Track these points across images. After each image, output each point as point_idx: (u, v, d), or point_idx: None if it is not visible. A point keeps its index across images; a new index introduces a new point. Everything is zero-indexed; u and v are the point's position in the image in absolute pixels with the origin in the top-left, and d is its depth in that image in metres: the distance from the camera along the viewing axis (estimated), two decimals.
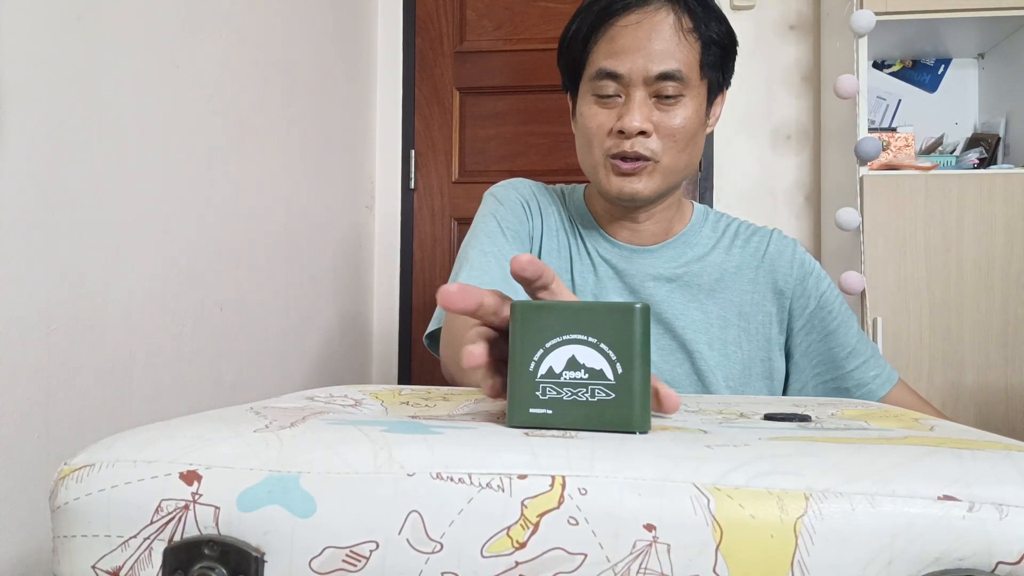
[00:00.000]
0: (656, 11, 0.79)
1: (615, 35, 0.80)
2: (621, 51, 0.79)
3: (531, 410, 0.39)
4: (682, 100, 0.80)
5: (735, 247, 0.91)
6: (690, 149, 0.83)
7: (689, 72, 0.80)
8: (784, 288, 0.89)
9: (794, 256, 0.90)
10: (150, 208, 1.05)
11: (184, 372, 1.13)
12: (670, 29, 0.79)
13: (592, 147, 0.83)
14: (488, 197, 0.94)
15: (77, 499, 0.33)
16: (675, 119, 0.80)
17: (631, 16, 0.80)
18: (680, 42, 0.79)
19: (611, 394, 0.39)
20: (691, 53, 0.80)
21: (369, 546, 0.31)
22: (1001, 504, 0.30)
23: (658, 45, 0.78)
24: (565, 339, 0.39)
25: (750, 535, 0.30)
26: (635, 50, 0.79)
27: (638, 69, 0.79)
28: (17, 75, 0.80)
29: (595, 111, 0.82)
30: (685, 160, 0.83)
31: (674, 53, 0.79)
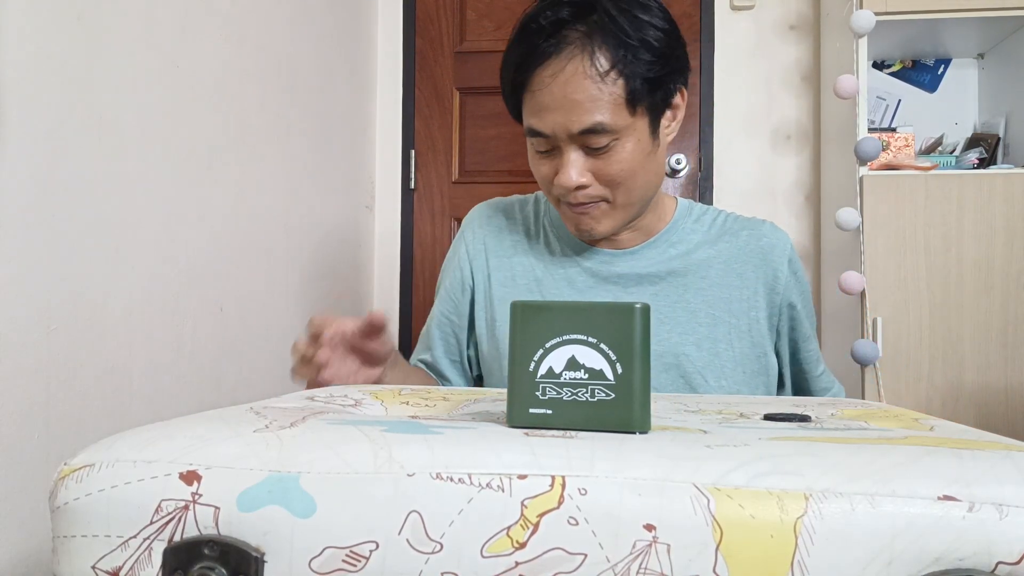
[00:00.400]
0: (569, 59, 0.73)
1: (535, 90, 0.75)
2: (542, 109, 0.75)
3: (531, 410, 0.39)
4: (615, 145, 0.75)
5: (723, 241, 0.88)
6: (642, 177, 0.79)
7: (615, 117, 0.74)
8: (776, 286, 0.87)
9: (789, 254, 0.89)
10: (150, 208, 1.05)
11: (184, 372, 1.13)
12: (584, 79, 0.72)
13: (545, 189, 0.83)
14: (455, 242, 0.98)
15: (77, 499, 0.33)
16: (612, 166, 0.76)
17: (547, 69, 0.74)
18: (598, 87, 0.73)
19: (611, 394, 0.39)
20: (613, 95, 0.73)
21: (369, 546, 0.31)
22: (1001, 504, 0.30)
23: (577, 96, 0.73)
24: (565, 339, 0.39)
25: (750, 535, 0.30)
26: (554, 108, 0.74)
27: (560, 128, 0.74)
28: (17, 75, 0.80)
29: (537, 161, 0.81)
30: (640, 191, 0.80)
31: (594, 104, 0.73)
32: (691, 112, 2.19)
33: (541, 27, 0.74)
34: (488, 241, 0.93)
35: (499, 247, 0.92)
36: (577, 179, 0.76)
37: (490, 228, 0.94)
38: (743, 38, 2.17)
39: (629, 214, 0.82)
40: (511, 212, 0.95)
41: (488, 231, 0.94)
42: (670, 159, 2.17)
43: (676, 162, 2.16)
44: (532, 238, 0.92)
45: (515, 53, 0.77)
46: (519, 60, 0.76)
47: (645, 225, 0.88)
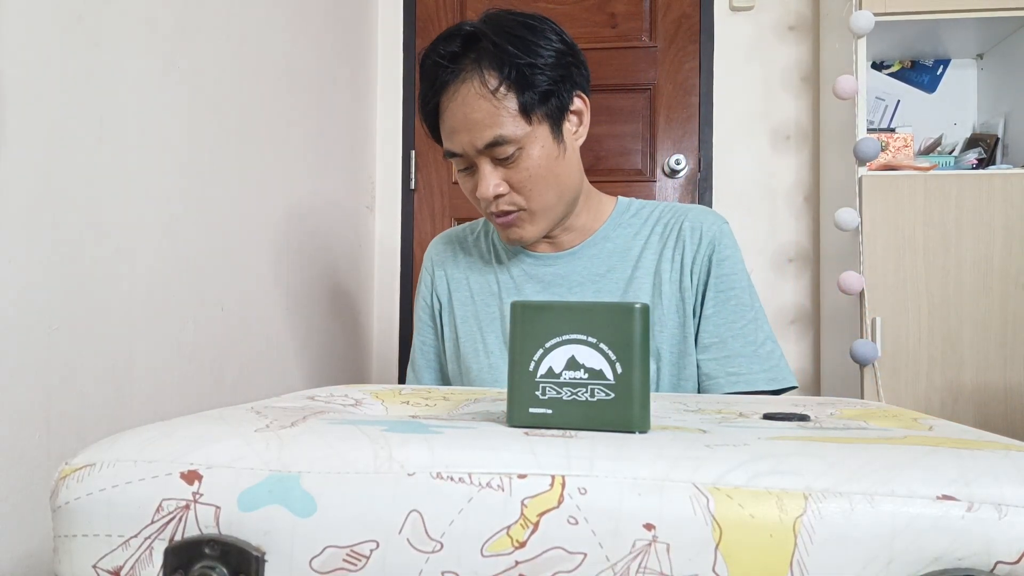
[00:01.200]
0: (463, 81, 0.81)
1: (444, 113, 0.84)
2: (451, 131, 0.84)
3: (531, 410, 0.39)
4: (521, 154, 0.82)
5: (655, 232, 0.93)
6: (555, 181, 0.86)
7: (513, 128, 0.81)
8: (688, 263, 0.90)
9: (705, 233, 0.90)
10: (150, 208, 1.05)
11: (184, 372, 1.13)
12: (478, 98, 0.80)
13: (475, 204, 0.89)
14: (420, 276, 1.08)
15: (78, 499, 0.33)
16: (520, 173, 0.83)
17: (447, 94, 0.83)
18: (492, 104, 0.80)
19: (611, 394, 0.39)
20: (507, 108, 0.81)
21: (369, 545, 0.31)
22: (1000, 504, 0.30)
23: (475, 115, 0.81)
24: (565, 339, 0.39)
25: (749, 535, 0.30)
26: (460, 129, 0.82)
27: (467, 146, 0.82)
28: (17, 75, 0.80)
29: (462, 180, 0.88)
30: (555, 193, 0.86)
31: (492, 119, 0.80)
32: (691, 112, 2.19)
33: (437, 61, 0.83)
34: (446, 267, 1.02)
35: (455, 270, 1.01)
36: (494, 190, 0.83)
37: (446, 255, 1.03)
38: (742, 39, 2.17)
39: (550, 217, 0.88)
40: (463, 238, 1.04)
41: (444, 258, 1.03)
42: (670, 159, 2.17)
43: (675, 162, 2.16)
44: (484, 257, 1.01)
45: (422, 88, 0.86)
46: (424, 92, 0.85)
47: (581, 225, 0.94)
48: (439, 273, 1.03)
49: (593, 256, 0.93)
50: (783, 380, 0.88)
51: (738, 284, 0.90)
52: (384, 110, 2.28)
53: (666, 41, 2.19)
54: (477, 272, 1.00)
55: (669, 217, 0.93)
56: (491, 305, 0.97)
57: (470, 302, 0.99)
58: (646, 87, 2.19)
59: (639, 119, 2.19)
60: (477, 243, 1.03)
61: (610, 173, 2.18)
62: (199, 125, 1.18)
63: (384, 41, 2.28)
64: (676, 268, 0.90)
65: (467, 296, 1.00)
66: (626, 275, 0.91)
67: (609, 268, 0.92)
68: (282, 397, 0.52)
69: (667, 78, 2.19)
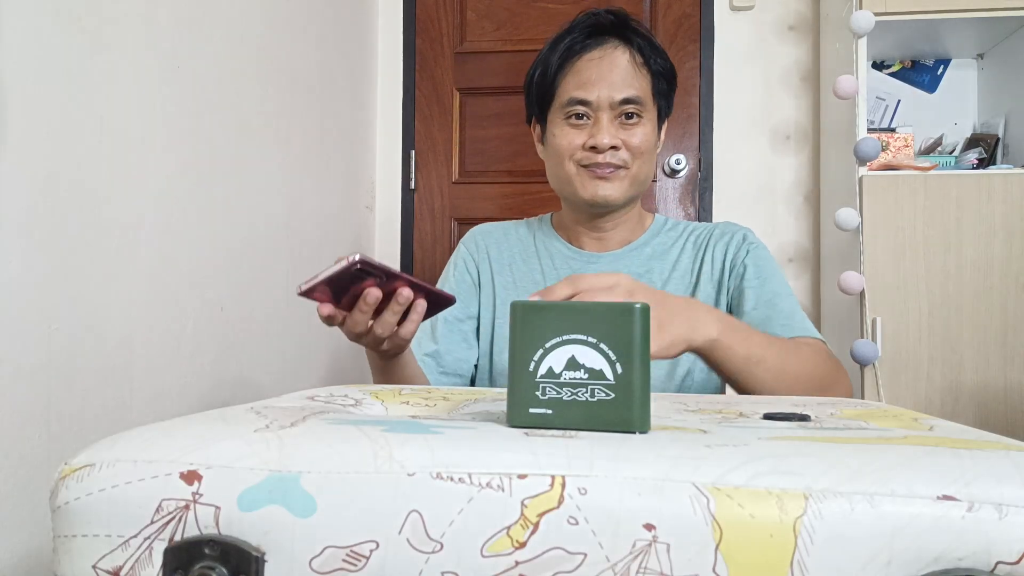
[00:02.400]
0: (614, 49, 0.94)
1: (581, 69, 0.94)
2: (588, 82, 0.93)
3: (531, 410, 0.39)
4: (641, 120, 0.94)
5: (690, 241, 1.02)
6: (650, 162, 0.97)
7: (645, 97, 0.94)
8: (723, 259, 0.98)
9: (732, 238, 0.99)
10: (150, 208, 1.05)
11: (184, 372, 1.13)
12: (627, 63, 0.93)
13: (564, 161, 0.95)
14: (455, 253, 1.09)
15: (78, 499, 0.33)
16: (637, 136, 0.93)
17: (594, 53, 0.94)
18: (636, 73, 0.94)
19: (611, 394, 0.39)
20: (644, 82, 0.94)
21: (369, 546, 0.31)
22: (1000, 504, 0.30)
23: (618, 76, 0.93)
24: (565, 339, 0.39)
25: (750, 535, 0.30)
26: (599, 81, 0.92)
27: (604, 96, 0.92)
28: (17, 75, 0.80)
29: (566, 131, 0.95)
30: (646, 171, 0.97)
31: (632, 82, 0.93)
32: (691, 112, 2.19)
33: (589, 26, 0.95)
34: (490, 250, 1.06)
35: (500, 255, 1.06)
36: (611, 139, 0.92)
37: (490, 240, 1.07)
38: (743, 39, 2.17)
39: (635, 190, 0.97)
40: (506, 229, 1.09)
41: (489, 242, 1.07)
42: (670, 159, 2.17)
43: (676, 162, 2.16)
44: (528, 249, 1.06)
45: (562, 44, 0.95)
46: (569, 46, 0.94)
47: (630, 229, 1.02)
48: (482, 256, 1.06)
49: (634, 258, 1.01)
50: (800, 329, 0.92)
51: (775, 270, 0.97)
52: (384, 110, 2.28)
53: (666, 41, 2.19)
54: (521, 260, 1.05)
55: (702, 229, 1.03)
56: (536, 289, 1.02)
57: (512, 288, 1.03)
58: None
59: None
60: (520, 236, 1.08)
61: None
62: (199, 125, 1.18)
63: (384, 41, 2.28)
64: (715, 267, 0.98)
65: (510, 281, 1.03)
66: (664, 275, 0.99)
67: (648, 269, 1.00)
68: (282, 397, 0.52)
69: None
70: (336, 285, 0.66)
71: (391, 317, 0.71)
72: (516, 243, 1.07)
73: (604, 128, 0.92)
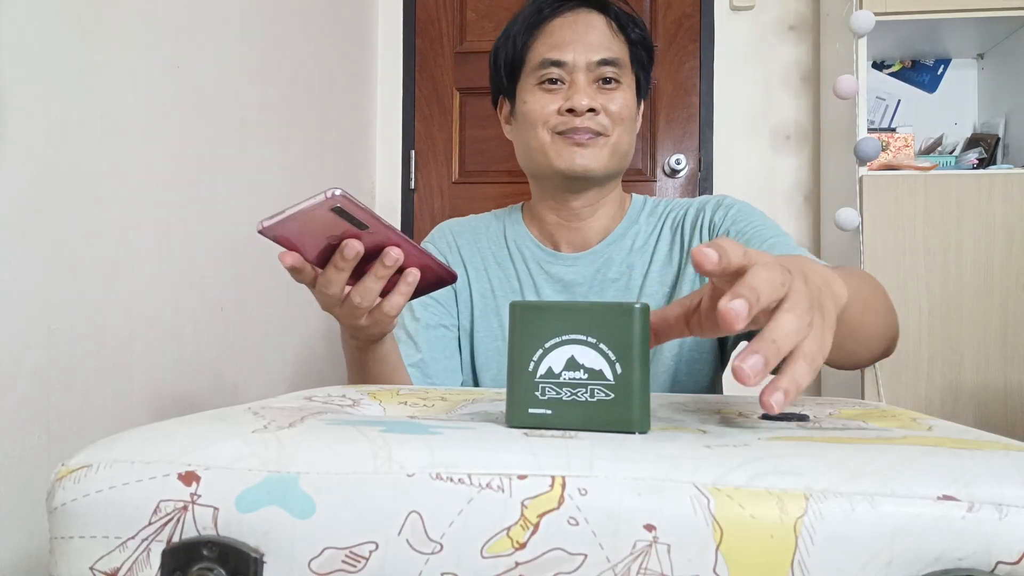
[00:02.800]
0: (588, 12, 0.88)
1: (553, 30, 0.87)
2: (562, 43, 0.86)
3: (530, 410, 0.39)
4: (620, 86, 0.87)
5: (666, 229, 0.92)
6: (630, 132, 0.90)
7: (624, 61, 0.88)
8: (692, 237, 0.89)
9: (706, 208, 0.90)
10: (150, 208, 1.05)
11: (184, 372, 1.13)
12: (603, 25, 0.88)
13: (537, 129, 0.87)
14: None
15: (75, 500, 0.33)
16: (616, 101, 0.86)
17: (566, 16, 0.88)
18: (613, 37, 0.88)
19: (610, 394, 0.38)
20: (622, 48, 0.88)
21: (369, 547, 0.31)
22: (1000, 504, 0.30)
23: (595, 37, 0.86)
24: (564, 339, 0.39)
25: (750, 535, 0.30)
26: (575, 41, 0.86)
27: (580, 57, 0.86)
28: (17, 75, 0.80)
29: (539, 96, 0.87)
30: (627, 141, 0.89)
31: (609, 44, 0.87)
32: (691, 112, 2.19)
33: None
34: (463, 251, 0.96)
35: (474, 256, 0.96)
36: (589, 101, 0.84)
37: (463, 239, 0.97)
38: (743, 38, 2.17)
39: (615, 163, 0.88)
40: (475, 227, 0.99)
41: (462, 242, 0.97)
42: (670, 159, 2.17)
43: (676, 162, 2.16)
44: (500, 250, 0.96)
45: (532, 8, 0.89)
46: (538, 8, 0.88)
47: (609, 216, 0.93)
48: (455, 258, 0.96)
49: (614, 255, 0.91)
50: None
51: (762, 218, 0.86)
52: (384, 110, 2.28)
53: (666, 41, 2.19)
54: (495, 263, 0.95)
55: (678, 210, 0.93)
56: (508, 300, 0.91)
57: (490, 296, 0.93)
58: None
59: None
60: (491, 236, 0.97)
61: None
62: (199, 125, 1.18)
63: (384, 41, 2.28)
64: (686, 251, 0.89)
65: (487, 288, 0.94)
66: (644, 270, 0.90)
67: (629, 266, 0.90)
68: (280, 397, 0.52)
69: (667, 78, 2.19)
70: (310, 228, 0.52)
71: (373, 283, 0.57)
72: (487, 244, 0.97)
73: (581, 89, 0.85)
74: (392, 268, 0.56)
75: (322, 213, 0.50)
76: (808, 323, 0.38)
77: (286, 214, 0.50)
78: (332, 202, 0.49)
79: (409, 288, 0.59)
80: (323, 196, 0.49)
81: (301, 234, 0.53)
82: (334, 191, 0.49)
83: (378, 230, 0.53)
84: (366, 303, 0.59)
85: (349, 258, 0.54)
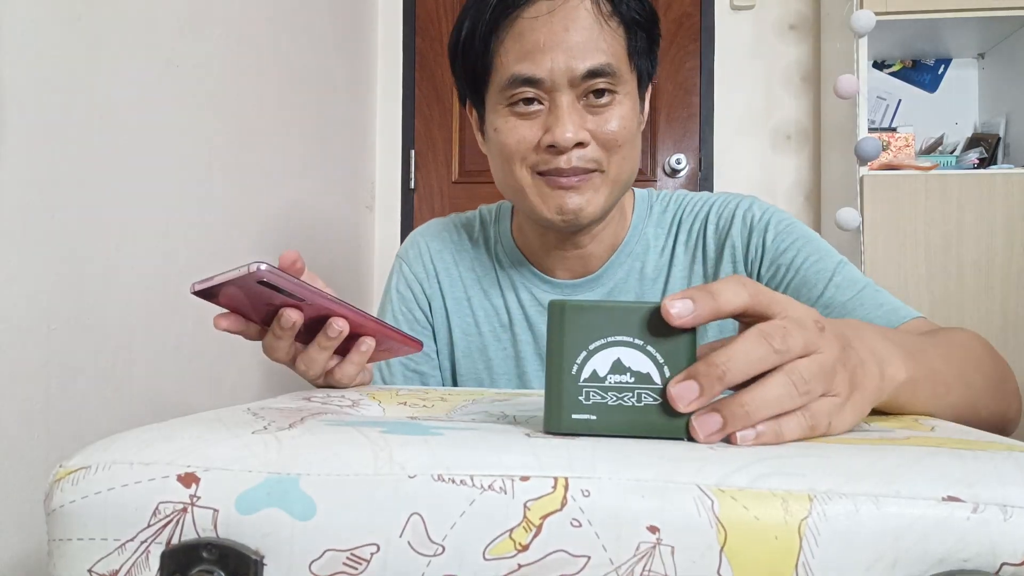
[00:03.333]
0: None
1: (523, 31, 0.65)
2: (535, 50, 0.65)
3: (574, 416, 0.37)
4: (616, 99, 0.67)
5: (679, 244, 0.78)
6: (633, 155, 0.71)
7: (620, 64, 0.67)
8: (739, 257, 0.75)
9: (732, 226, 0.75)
10: (150, 208, 1.05)
11: (184, 372, 1.13)
12: (589, 16, 0.65)
13: (514, 167, 0.69)
14: (391, 274, 0.85)
15: (73, 502, 0.33)
16: (612, 121, 0.67)
17: (540, 5, 0.65)
18: (604, 30, 0.66)
19: (658, 399, 0.36)
20: (617, 41, 0.67)
21: (370, 549, 0.31)
22: (1005, 505, 0.29)
23: (578, 37, 0.64)
24: (610, 341, 0.37)
25: (754, 536, 0.29)
26: (552, 47, 0.64)
27: (560, 69, 0.65)
28: (17, 75, 0.80)
29: (512, 124, 0.68)
30: (629, 168, 0.71)
31: (599, 44, 0.65)
32: (691, 112, 2.18)
33: None
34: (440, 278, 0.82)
35: (453, 285, 0.82)
36: (576, 133, 0.65)
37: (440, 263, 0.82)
38: (743, 38, 2.17)
39: (615, 197, 0.72)
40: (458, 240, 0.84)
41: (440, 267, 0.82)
42: (670, 159, 2.17)
43: (676, 162, 2.16)
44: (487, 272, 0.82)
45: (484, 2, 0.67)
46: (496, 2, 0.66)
47: (612, 234, 0.78)
48: (432, 287, 0.81)
49: (619, 282, 0.77)
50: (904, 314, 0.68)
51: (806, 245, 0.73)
52: (384, 110, 2.27)
53: (667, 40, 2.19)
54: (480, 294, 0.80)
55: (691, 220, 0.78)
56: (503, 339, 0.79)
57: (475, 333, 0.80)
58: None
59: None
60: (477, 255, 0.82)
61: None
62: (199, 125, 1.18)
63: (384, 41, 2.28)
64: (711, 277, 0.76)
65: (470, 324, 0.80)
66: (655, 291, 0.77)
67: (639, 295, 0.77)
68: (278, 398, 0.52)
69: (668, 77, 2.19)
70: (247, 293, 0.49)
71: (317, 353, 0.52)
72: (471, 267, 0.81)
73: (564, 117, 0.65)
74: (336, 340, 0.51)
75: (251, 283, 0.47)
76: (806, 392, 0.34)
77: (214, 281, 0.48)
78: (256, 276, 0.46)
79: (363, 357, 0.55)
80: (246, 269, 0.46)
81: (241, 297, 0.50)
82: (259, 265, 0.45)
83: (315, 302, 0.50)
84: (312, 372, 0.54)
85: (286, 328, 0.50)
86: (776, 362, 0.34)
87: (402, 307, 0.82)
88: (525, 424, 0.41)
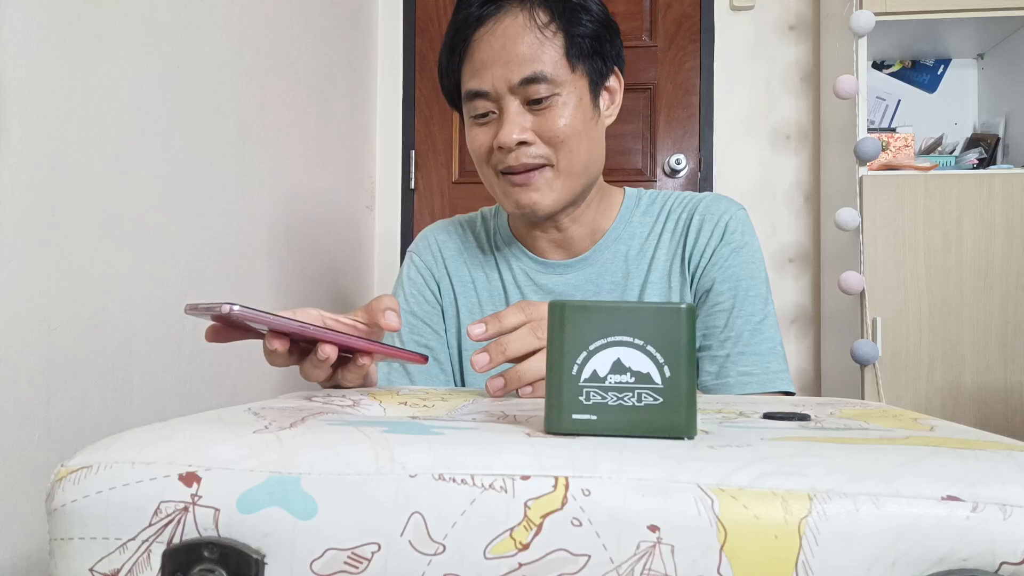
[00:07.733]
0: (506, 14, 0.75)
1: (474, 51, 0.77)
2: (481, 67, 0.76)
3: (574, 416, 0.37)
4: (557, 100, 0.75)
5: (667, 230, 0.85)
6: (585, 148, 0.78)
7: (555, 69, 0.75)
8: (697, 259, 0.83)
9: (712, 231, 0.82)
10: (150, 208, 1.05)
11: (184, 372, 1.13)
12: (523, 30, 0.75)
13: (482, 169, 0.81)
14: (403, 267, 0.94)
15: (74, 501, 0.33)
16: (554, 121, 0.75)
17: (485, 27, 0.76)
18: (538, 40, 0.75)
19: (659, 399, 0.37)
20: (553, 48, 0.75)
21: (371, 548, 0.31)
22: (1004, 504, 0.30)
23: (515, 50, 0.74)
24: (610, 341, 0.37)
25: (754, 536, 0.29)
26: (492, 62, 0.75)
27: (499, 80, 0.75)
28: (17, 75, 0.80)
29: (475, 132, 0.80)
30: (582, 161, 0.78)
31: (534, 54, 0.74)
32: (691, 112, 2.19)
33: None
34: (448, 264, 0.91)
35: (460, 269, 0.91)
36: (519, 134, 0.75)
37: (449, 251, 0.92)
38: (743, 38, 2.17)
39: (573, 187, 0.79)
40: (463, 232, 0.93)
41: (448, 254, 0.92)
42: (670, 159, 2.17)
43: (676, 162, 2.16)
44: (487, 256, 0.91)
45: (453, 23, 0.79)
46: (458, 26, 0.78)
47: (592, 219, 0.85)
48: (441, 272, 0.91)
49: (607, 262, 0.85)
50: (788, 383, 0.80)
51: (756, 275, 0.81)
52: (384, 110, 2.27)
53: (666, 41, 2.19)
54: (482, 276, 0.89)
55: (680, 210, 0.85)
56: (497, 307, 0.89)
57: (478, 311, 0.88)
58: (646, 87, 2.19)
59: (639, 119, 2.19)
60: (479, 244, 0.92)
61: (610, 173, 2.17)
62: (199, 125, 1.18)
63: (384, 41, 2.28)
64: (688, 266, 0.83)
65: (474, 303, 0.89)
66: (641, 280, 0.84)
67: (626, 275, 0.84)
68: (279, 397, 0.52)
69: (667, 78, 2.19)
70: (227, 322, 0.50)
71: (311, 370, 0.56)
72: (474, 254, 0.91)
73: (509, 119, 0.75)
74: (325, 362, 0.53)
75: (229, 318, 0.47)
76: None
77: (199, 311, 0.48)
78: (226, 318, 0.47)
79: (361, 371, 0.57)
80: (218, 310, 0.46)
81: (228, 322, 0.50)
82: (232, 306, 0.45)
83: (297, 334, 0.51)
84: (313, 380, 0.57)
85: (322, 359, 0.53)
86: (537, 346, 0.56)
87: (412, 290, 0.90)
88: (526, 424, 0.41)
